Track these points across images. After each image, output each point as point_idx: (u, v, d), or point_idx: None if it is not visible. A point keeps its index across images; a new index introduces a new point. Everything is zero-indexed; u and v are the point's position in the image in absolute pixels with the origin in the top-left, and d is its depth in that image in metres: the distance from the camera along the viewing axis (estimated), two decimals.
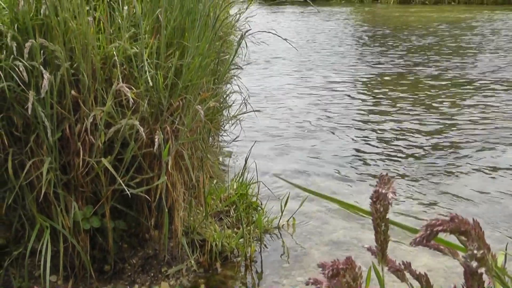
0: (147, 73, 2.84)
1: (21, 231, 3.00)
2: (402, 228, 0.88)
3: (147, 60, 2.89)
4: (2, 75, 2.63)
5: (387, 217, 0.87)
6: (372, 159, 4.98)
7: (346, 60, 9.85)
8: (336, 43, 11.90)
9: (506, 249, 1.21)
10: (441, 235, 0.74)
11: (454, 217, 0.74)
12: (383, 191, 0.83)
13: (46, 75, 2.51)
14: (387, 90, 7.59)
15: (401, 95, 7.27)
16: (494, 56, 9.65)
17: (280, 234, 3.71)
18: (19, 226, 2.97)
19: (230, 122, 4.42)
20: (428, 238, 0.70)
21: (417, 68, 8.91)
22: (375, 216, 0.86)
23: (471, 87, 7.54)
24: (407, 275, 1.02)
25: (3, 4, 2.81)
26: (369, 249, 1.01)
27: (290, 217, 3.81)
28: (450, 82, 7.87)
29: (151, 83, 2.86)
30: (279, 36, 3.62)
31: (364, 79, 8.37)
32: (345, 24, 15.41)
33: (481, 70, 8.54)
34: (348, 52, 10.67)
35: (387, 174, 0.83)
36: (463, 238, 0.75)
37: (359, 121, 6.21)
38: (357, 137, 5.63)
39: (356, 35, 13.20)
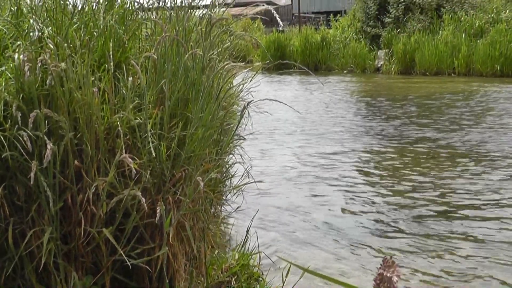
0: (150, 143, 2.85)
1: None
2: None
3: (150, 130, 2.91)
4: (6, 145, 2.64)
5: None
6: (382, 236, 4.94)
7: (350, 132, 9.88)
8: (339, 113, 11.98)
9: None
10: None
11: None
12: (388, 274, 0.83)
13: (50, 145, 2.52)
14: (399, 163, 7.61)
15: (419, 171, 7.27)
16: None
17: None
18: None
19: (232, 192, 4.41)
20: None
21: (431, 141, 8.95)
22: None
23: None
24: None
25: (9, 75, 2.84)
26: None
27: None
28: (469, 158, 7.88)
29: (154, 154, 2.87)
30: (285, 104, 3.65)
31: (368, 151, 8.39)
32: (347, 94, 15.57)
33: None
34: (352, 123, 10.73)
35: (391, 258, 0.83)
36: None
37: (361, 192, 6.20)
38: (362, 211, 5.61)
39: (359, 106, 13.30)
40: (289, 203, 5.81)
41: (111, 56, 3.04)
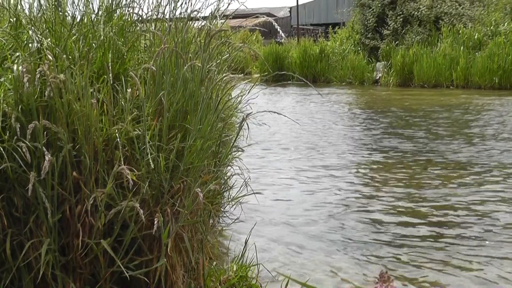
0: (149, 155, 2.85)
1: None
2: None
3: (149, 142, 2.91)
4: (5, 156, 2.64)
5: None
6: (382, 247, 4.94)
7: (348, 144, 9.89)
8: (337, 125, 11.99)
9: None
10: None
11: None
12: None
13: (48, 156, 2.52)
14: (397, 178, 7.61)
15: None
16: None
17: None
18: None
19: (230, 203, 4.40)
20: None
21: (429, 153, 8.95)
22: None
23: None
24: None
25: (8, 86, 2.84)
26: None
27: None
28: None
29: (152, 166, 2.87)
30: (285, 116, 3.65)
31: (367, 164, 8.39)
32: (346, 107, 15.58)
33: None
34: (351, 135, 10.74)
35: (386, 272, 0.83)
36: None
37: (359, 203, 6.19)
38: (361, 223, 5.60)
39: (357, 118, 13.30)
40: (286, 214, 5.80)
41: (110, 68, 3.05)
